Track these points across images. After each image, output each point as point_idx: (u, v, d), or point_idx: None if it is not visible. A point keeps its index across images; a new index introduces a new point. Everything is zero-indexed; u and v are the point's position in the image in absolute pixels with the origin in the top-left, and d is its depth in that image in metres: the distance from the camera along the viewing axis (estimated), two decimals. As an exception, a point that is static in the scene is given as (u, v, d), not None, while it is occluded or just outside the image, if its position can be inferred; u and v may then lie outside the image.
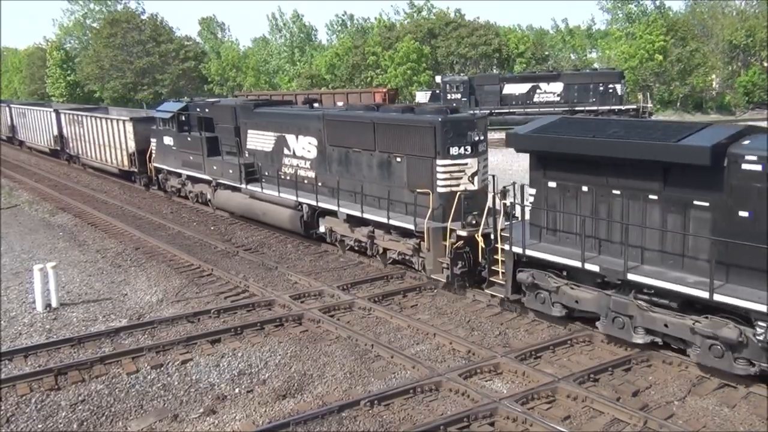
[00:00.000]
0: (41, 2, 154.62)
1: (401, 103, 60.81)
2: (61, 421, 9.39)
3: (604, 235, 11.14)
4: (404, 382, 10.17)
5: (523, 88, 49.06)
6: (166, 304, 14.10)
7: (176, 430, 9.15)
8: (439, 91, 52.32)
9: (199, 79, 78.79)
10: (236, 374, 10.68)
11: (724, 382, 9.92)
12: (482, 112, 39.30)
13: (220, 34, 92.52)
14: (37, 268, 13.82)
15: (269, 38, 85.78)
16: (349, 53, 70.53)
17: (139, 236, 19.91)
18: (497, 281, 12.70)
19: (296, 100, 36.83)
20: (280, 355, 11.32)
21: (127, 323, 12.89)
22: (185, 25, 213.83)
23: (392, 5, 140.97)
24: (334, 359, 11.09)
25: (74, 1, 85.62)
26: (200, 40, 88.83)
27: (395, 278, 15.36)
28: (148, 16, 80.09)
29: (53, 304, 13.88)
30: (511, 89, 49.30)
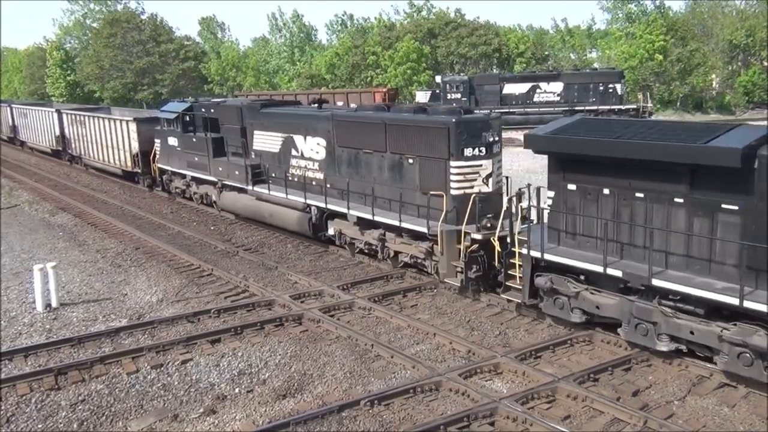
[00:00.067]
0: (41, 2, 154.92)
1: (401, 103, 60.85)
2: (61, 421, 9.40)
3: (626, 239, 10.82)
4: (404, 381, 10.17)
5: (523, 87, 49.05)
6: (166, 304, 14.10)
7: (176, 430, 9.15)
8: (439, 90, 52.30)
9: (199, 79, 78.80)
10: (236, 374, 10.68)
11: (724, 381, 9.92)
12: (482, 111, 39.23)
13: (220, 34, 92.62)
14: (37, 268, 13.82)
15: (269, 38, 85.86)
16: (349, 53, 70.54)
17: (139, 236, 19.92)
18: (514, 286, 12.39)
19: (299, 100, 36.47)
20: (280, 354, 11.32)
21: (127, 323, 12.90)
22: (185, 25, 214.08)
23: (392, 5, 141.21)
24: (334, 359, 11.09)
25: (74, 1, 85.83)
26: (200, 40, 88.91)
27: (395, 278, 15.36)
28: (147, 16, 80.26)
29: (53, 304, 13.89)
30: (511, 89, 49.29)
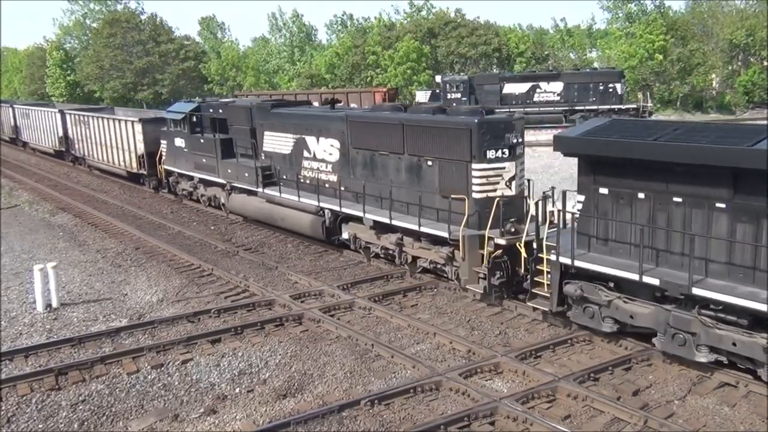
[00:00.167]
0: (41, 2, 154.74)
1: (401, 102, 60.79)
2: (61, 421, 9.41)
3: (662, 245, 10.39)
4: (404, 381, 10.18)
5: (523, 87, 49.02)
6: (166, 303, 14.11)
7: (177, 429, 9.16)
8: (438, 90, 52.30)
9: (199, 79, 78.79)
10: (236, 374, 10.69)
11: (724, 381, 9.93)
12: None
13: (220, 34, 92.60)
14: (37, 268, 13.83)
15: (269, 38, 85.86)
16: (349, 53, 70.51)
17: (139, 236, 19.92)
18: (540, 293, 11.92)
19: (310, 100, 35.95)
20: (280, 354, 11.33)
21: (127, 323, 12.91)
22: (185, 25, 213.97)
23: (392, 5, 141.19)
24: (334, 359, 11.10)
25: (74, 1, 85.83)
26: (200, 40, 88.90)
27: (395, 278, 15.36)
28: (147, 16, 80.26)
29: (53, 304, 13.89)
30: (510, 89, 49.26)
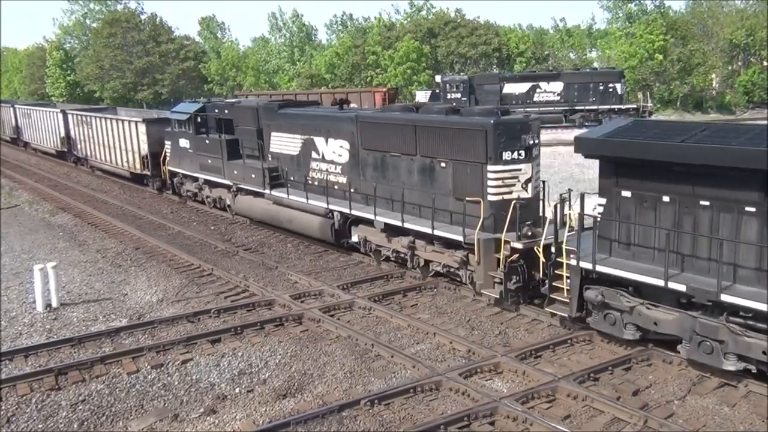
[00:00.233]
0: (41, 2, 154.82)
1: (401, 102, 60.80)
2: (61, 421, 9.41)
3: (688, 250, 10.06)
4: (404, 381, 10.18)
5: (523, 87, 49.06)
6: (166, 303, 14.11)
7: (177, 429, 9.16)
8: (438, 90, 52.33)
9: (198, 78, 78.80)
10: (236, 374, 10.68)
11: (724, 381, 9.93)
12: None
13: (220, 34, 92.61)
14: (37, 268, 13.83)
15: (269, 38, 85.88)
16: (349, 53, 70.51)
17: (139, 236, 19.92)
18: (559, 299, 11.62)
19: (317, 100, 35.37)
20: (280, 354, 11.33)
21: (127, 323, 12.91)
22: (185, 25, 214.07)
23: (393, 4, 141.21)
24: (334, 359, 11.10)
25: (74, 1, 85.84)
26: (200, 39, 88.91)
27: (395, 278, 15.36)
28: (147, 16, 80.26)
29: (53, 304, 13.89)
30: (510, 89, 49.30)
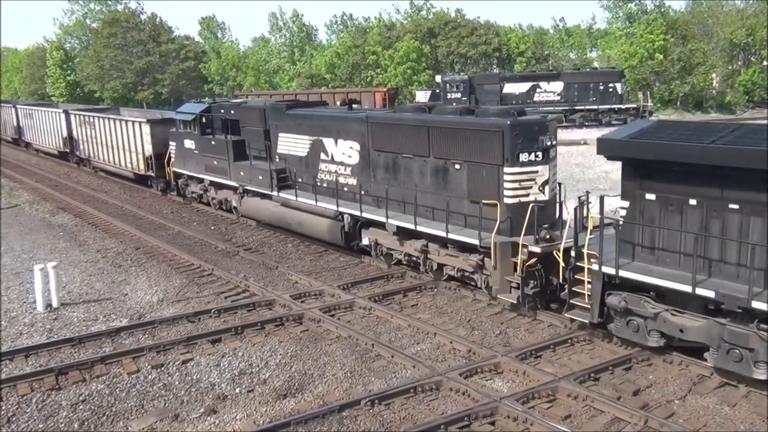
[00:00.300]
0: (41, 2, 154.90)
1: (401, 102, 60.80)
2: (62, 420, 9.41)
3: (716, 255, 9.76)
4: (405, 381, 10.18)
5: (523, 87, 49.07)
6: (166, 303, 14.11)
7: (177, 429, 9.16)
8: (439, 90, 52.34)
9: (199, 79, 78.81)
10: (237, 374, 10.69)
11: (724, 381, 9.93)
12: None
13: (220, 34, 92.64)
14: (37, 268, 13.83)
15: (269, 38, 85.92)
16: (349, 53, 70.53)
17: (139, 236, 19.92)
18: (579, 304, 11.31)
19: (325, 101, 34.76)
20: (280, 354, 11.33)
21: (127, 323, 12.91)
22: (185, 25, 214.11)
23: (393, 4, 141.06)
24: (334, 359, 11.10)
25: (74, 1, 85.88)
26: (200, 39, 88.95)
27: (395, 278, 15.36)
28: (147, 16, 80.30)
29: (54, 304, 13.89)
30: (511, 88, 49.31)
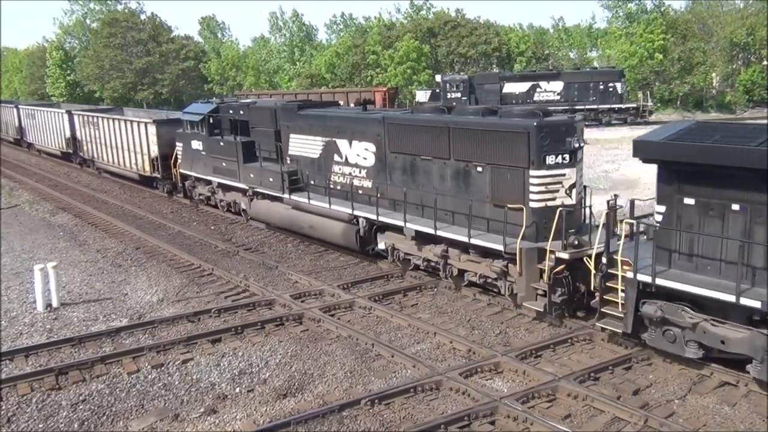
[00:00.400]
0: (41, 2, 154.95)
1: (401, 102, 60.81)
2: (62, 420, 9.41)
3: (760, 263, 9.29)
4: (405, 381, 10.18)
5: (523, 86, 49.03)
6: (166, 303, 14.11)
7: (177, 429, 9.16)
8: (439, 90, 52.34)
9: (198, 78, 78.82)
10: (237, 373, 10.69)
11: (724, 380, 9.93)
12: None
13: (220, 34, 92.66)
14: (37, 267, 13.83)
15: (269, 37, 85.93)
16: (349, 52, 70.53)
17: (139, 236, 19.92)
18: (611, 313, 10.83)
19: (337, 101, 33.99)
20: (280, 354, 11.33)
21: (127, 323, 12.91)
22: (185, 25, 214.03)
23: (394, 4, 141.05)
24: (334, 358, 11.10)
25: (74, 0, 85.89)
26: (200, 39, 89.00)
27: (395, 277, 15.36)
28: (147, 16, 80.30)
29: (54, 303, 13.90)
30: (511, 88, 49.28)
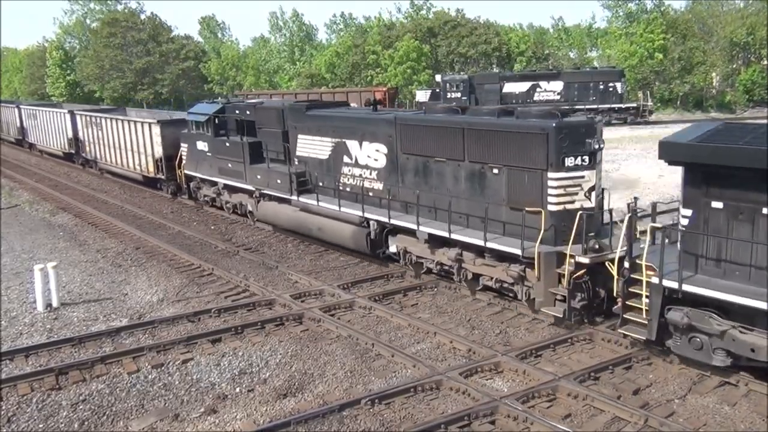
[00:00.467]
0: (41, 2, 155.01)
1: (401, 102, 60.82)
2: (62, 420, 9.41)
3: None
4: (405, 380, 10.18)
5: (523, 86, 49.03)
6: (166, 303, 14.11)
7: (177, 429, 9.16)
8: (439, 90, 52.34)
9: (198, 78, 78.83)
10: (237, 373, 10.69)
11: (724, 380, 9.93)
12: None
13: (220, 33, 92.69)
14: (37, 267, 13.84)
15: (269, 37, 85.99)
16: (349, 52, 70.54)
17: (139, 236, 19.92)
18: (634, 319, 10.54)
19: (346, 101, 33.68)
20: (280, 354, 11.33)
21: (127, 323, 12.91)
22: (185, 25, 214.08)
23: (395, 4, 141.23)
24: (334, 358, 11.10)
25: (74, 0, 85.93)
26: (200, 39, 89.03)
27: (396, 277, 15.37)
28: (147, 16, 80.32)
29: (54, 303, 13.90)
30: (511, 88, 49.27)
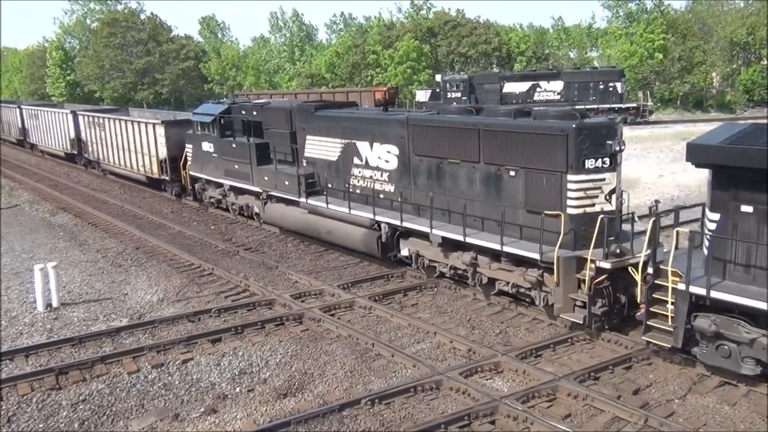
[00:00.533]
0: (41, 2, 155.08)
1: (401, 102, 60.82)
2: (62, 420, 9.42)
3: None
4: (405, 380, 10.19)
5: (523, 86, 49.05)
6: (166, 303, 14.11)
7: (177, 429, 9.16)
8: (439, 89, 52.36)
9: (199, 78, 78.85)
10: (237, 373, 10.69)
11: (724, 380, 9.93)
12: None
13: (220, 33, 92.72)
14: (37, 267, 13.84)
15: (269, 37, 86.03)
16: (349, 52, 70.56)
17: (139, 236, 19.92)
18: (658, 326, 10.23)
19: (355, 101, 33.38)
20: (280, 354, 11.33)
21: (127, 323, 12.91)
22: (185, 25, 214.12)
23: (395, 3, 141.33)
24: (334, 358, 11.10)
25: (74, 0, 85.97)
26: (200, 39, 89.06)
27: (396, 277, 15.37)
28: (147, 16, 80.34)
29: (54, 303, 13.90)
30: (511, 88, 49.29)
